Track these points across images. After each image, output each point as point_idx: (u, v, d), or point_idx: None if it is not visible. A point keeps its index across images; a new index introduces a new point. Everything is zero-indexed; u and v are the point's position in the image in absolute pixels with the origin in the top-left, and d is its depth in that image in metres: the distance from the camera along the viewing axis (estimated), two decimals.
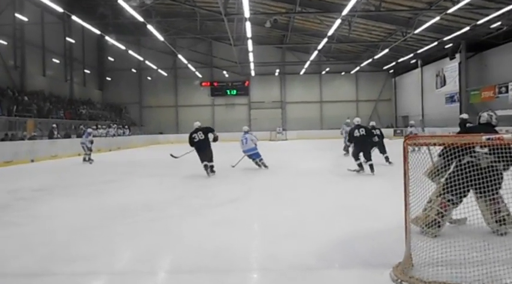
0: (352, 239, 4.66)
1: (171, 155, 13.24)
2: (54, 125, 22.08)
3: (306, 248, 4.37)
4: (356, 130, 10.45)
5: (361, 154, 10.47)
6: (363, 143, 10.35)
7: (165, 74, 40.93)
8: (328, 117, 42.31)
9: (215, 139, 11.43)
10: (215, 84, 42.90)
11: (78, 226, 5.66)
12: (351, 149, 11.24)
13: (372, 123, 14.40)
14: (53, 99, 29.97)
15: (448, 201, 4.48)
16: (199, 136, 11.27)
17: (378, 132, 13.71)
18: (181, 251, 4.48)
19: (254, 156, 12.76)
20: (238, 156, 13.98)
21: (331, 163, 13.21)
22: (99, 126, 28.59)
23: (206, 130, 11.41)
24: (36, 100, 27.06)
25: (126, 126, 33.87)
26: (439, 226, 4.55)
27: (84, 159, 16.86)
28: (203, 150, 11.22)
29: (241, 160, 13.16)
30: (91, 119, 32.11)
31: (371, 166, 10.25)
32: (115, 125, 31.14)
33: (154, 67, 37.92)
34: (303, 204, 6.89)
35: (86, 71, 39.49)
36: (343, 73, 42.09)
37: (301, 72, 40.12)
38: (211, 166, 11.15)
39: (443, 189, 4.48)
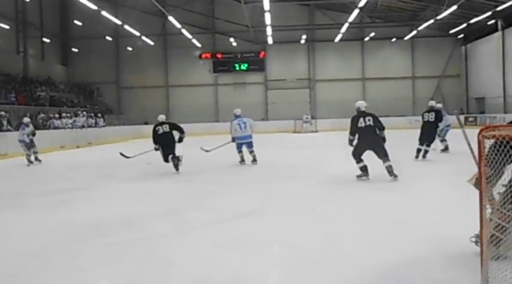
0: (406, 267, 4.61)
1: (121, 154, 14.37)
2: (3, 113, 22.32)
3: (343, 279, 4.35)
4: (361, 119, 10.11)
5: (366, 153, 10.21)
6: (369, 137, 10.15)
7: (152, 43, 41.12)
8: (374, 99, 41.85)
9: (180, 139, 13.17)
10: (219, 56, 43.05)
11: (34, 250, 5.71)
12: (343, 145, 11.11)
13: (438, 105, 14.28)
14: (1, 78, 30.32)
15: (509, 210, 4.41)
16: (164, 128, 12.83)
17: (431, 116, 13.48)
18: (173, 283, 4.49)
19: (249, 145, 14.29)
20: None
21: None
22: (63, 114, 28.85)
23: (173, 126, 13.12)
24: None
25: (99, 114, 34.10)
26: (498, 246, 4.49)
27: (29, 161, 16.81)
28: (167, 144, 12.78)
29: (220, 147, 14.81)
30: (52, 104, 32.42)
31: (388, 168, 10.03)
32: (84, 112, 31.36)
33: (137, 33, 38.09)
34: (339, 220, 6.87)
35: (44, 39, 39.85)
36: (394, 39, 41.81)
37: (337, 39, 39.94)
38: (177, 157, 12.78)
39: (503, 198, 4.43)
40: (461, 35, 41.51)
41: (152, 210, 7.96)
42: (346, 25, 34.42)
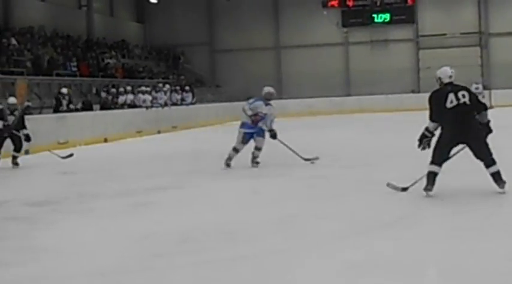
0: None
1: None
2: (64, 90, 23.02)
3: None
4: (451, 96, 8.84)
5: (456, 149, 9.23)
6: (464, 123, 8.92)
7: None
8: None
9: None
10: (350, 3, 42.53)
11: (103, 269, 5.89)
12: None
13: None
14: (58, 42, 31.67)
15: None
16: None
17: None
18: None
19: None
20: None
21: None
22: (138, 89, 29.23)
23: None
24: (31, 45, 28.73)
25: (187, 88, 34.52)
26: None
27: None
28: None
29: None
30: (126, 76, 33.37)
31: (495, 175, 8.90)
32: (167, 86, 31.82)
33: None
34: None
35: None
36: None
37: None
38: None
39: None
40: None
41: (262, 217, 8.00)
42: None
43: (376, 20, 42.66)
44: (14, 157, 15.20)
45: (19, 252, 6.74)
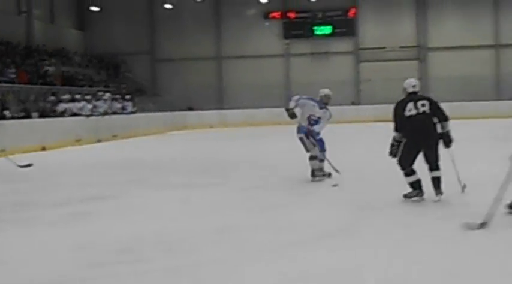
0: None
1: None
2: None
3: None
4: (410, 105, 9.33)
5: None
6: (423, 131, 9.35)
7: None
8: None
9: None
10: (292, 15, 42.84)
11: (39, 280, 5.82)
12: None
13: None
14: None
15: None
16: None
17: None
18: None
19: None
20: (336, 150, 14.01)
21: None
22: (78, 97, 28.92)
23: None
24: None
25: (128, 96, 34.37)
26: None
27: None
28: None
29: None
30: (65, 83, 32.97)
31: (435, 180, 9.36)
32: (107, 94, 31.60)
33: None
34: (464, 246, 6.70)
35: None
36: None
37: None
38: None
39: None
40: None
41: (200, 227, 8.01)
42: None
43: (317, 33, 43.04)
44: None
45: None
